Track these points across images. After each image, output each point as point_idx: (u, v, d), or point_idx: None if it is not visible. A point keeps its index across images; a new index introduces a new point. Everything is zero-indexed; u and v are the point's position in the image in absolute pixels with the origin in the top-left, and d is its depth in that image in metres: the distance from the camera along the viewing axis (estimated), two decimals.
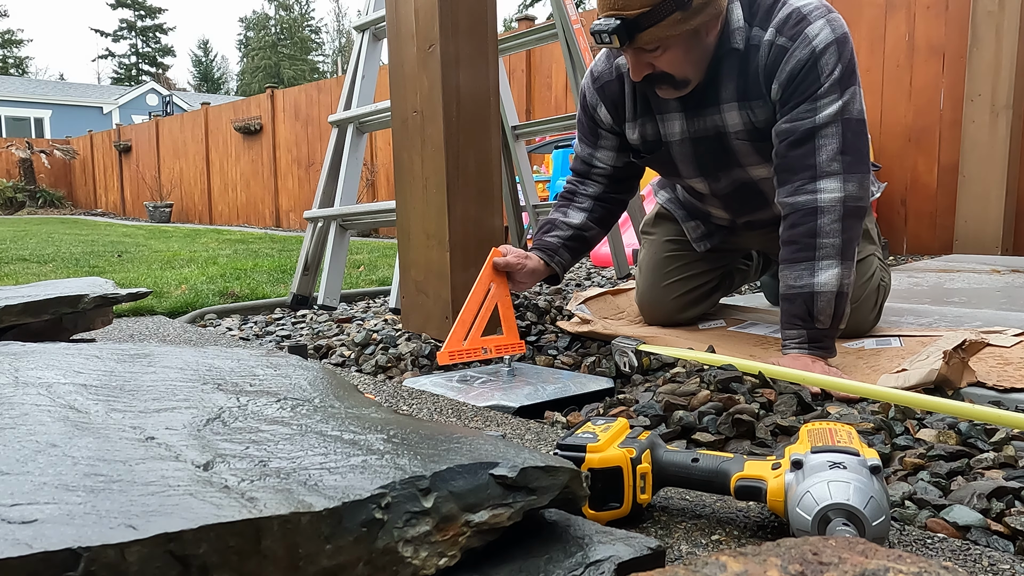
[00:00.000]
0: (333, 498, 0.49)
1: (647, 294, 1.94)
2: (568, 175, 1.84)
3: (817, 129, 1.44)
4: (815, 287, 1.43)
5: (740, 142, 1.59)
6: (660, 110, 1.63)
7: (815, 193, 1.44)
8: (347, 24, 53.21)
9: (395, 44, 1.93)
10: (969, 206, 4.27)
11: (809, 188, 1.45)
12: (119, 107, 30.21)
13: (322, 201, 2.70)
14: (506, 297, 1.62)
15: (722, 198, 1.74)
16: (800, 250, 1.45)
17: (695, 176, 1.70)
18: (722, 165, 1.65)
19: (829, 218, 1.43)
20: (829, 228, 1.43)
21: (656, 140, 1.67)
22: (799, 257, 1.45)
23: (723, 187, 1.70)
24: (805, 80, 1.44)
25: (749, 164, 1.63)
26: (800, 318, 1.45)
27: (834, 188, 1.44)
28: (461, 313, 1.54)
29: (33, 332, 1.46)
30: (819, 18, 1.44)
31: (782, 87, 1.47)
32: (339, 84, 9.45)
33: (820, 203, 1.44)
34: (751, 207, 1.75)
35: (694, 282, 1.91)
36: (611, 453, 0.77)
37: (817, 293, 1.43)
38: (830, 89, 1.44)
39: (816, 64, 1.43)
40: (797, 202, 1.46)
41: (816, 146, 1.45)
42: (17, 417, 0.62)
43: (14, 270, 3.91)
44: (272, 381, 0.84)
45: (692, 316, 1.93)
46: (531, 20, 7.06)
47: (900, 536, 0.76)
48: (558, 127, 3.02)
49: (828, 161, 1.44)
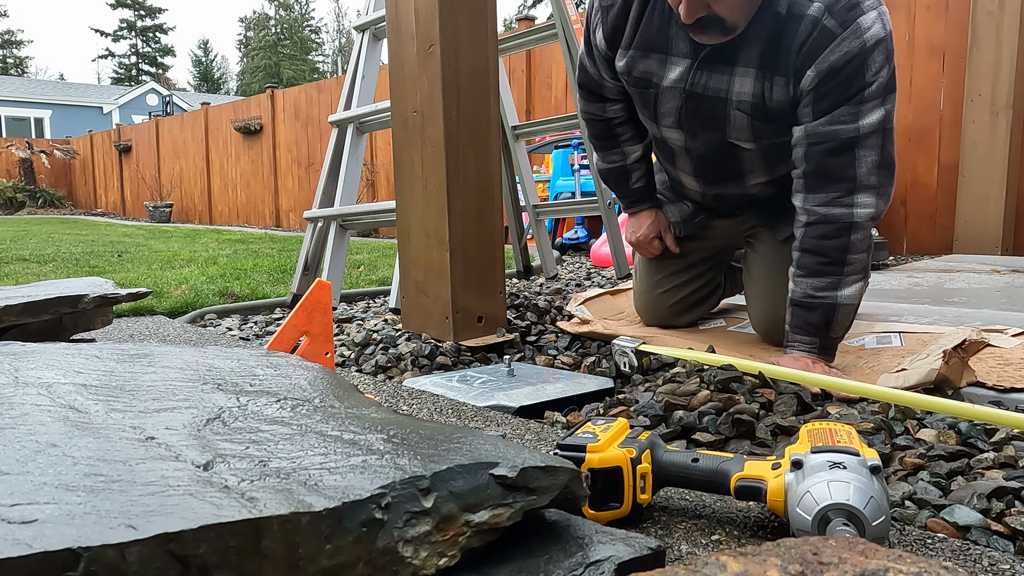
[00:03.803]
0: (333, 498, 0.49)
1: (642, 299, 1.94)
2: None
3: (860, 139, 1.37)
4: (839, 299, 1.41)
5: (739, 113, 1.49)
6: (666, 51, 1.51)
7: (851, 207, 1.39)
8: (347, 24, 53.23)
9: (395, 44, 1.93)
10: (969, 206, 4.27)
11: (846, 201, 1.39)
12: (119, 107, 30.20)
13: (322, 201, 2.70)
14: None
15: (695, 159, 1.65)
16: (829, 264, 1.41)
17: (672, 127, 1.60)
18: (707, 126, 1.56)
19: (861, 234, 1.40)
20: (859, 244, 1.41)
21: (645, 79, 1.57)
22: (826, 270, 1.42)
23: (698, 146, 1.61)
24: (851, 77, 1.35)
25: (737, 137, 1.54)
26: (816, 327, 1.43)
27: (869, 204, 1.39)
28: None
29: (33, 332, 1.46)
30: (872, 9, 1.34)
31: (821, 77, 1.37)
32: (339, 84, 9.44)
33: (856, 218, 1.39)
34: (723, 177, 1.67)
35: (688, 288, 1.90)
36: (611, 453, 0.77)
37: (840, 305, 1.41)
38: (875, 93, 1.35)
39: (864, 62, 1.34)
40: (831, 214, 1.40)
41: (856, 156, 1.38)
42: (17, 417, 0.62)
43: (14, 270, 3.91)
44: (272, 381, 0.84)
45: (690, 320, 1.93)
46: (531, 20, 7.06)
47: (900, 536, 0.76)
48: (558, 127, 3.02)
49: (867, 174, 1.38)
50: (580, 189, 4.99)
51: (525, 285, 2.85)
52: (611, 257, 3.05)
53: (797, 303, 1.46)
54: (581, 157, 5.06)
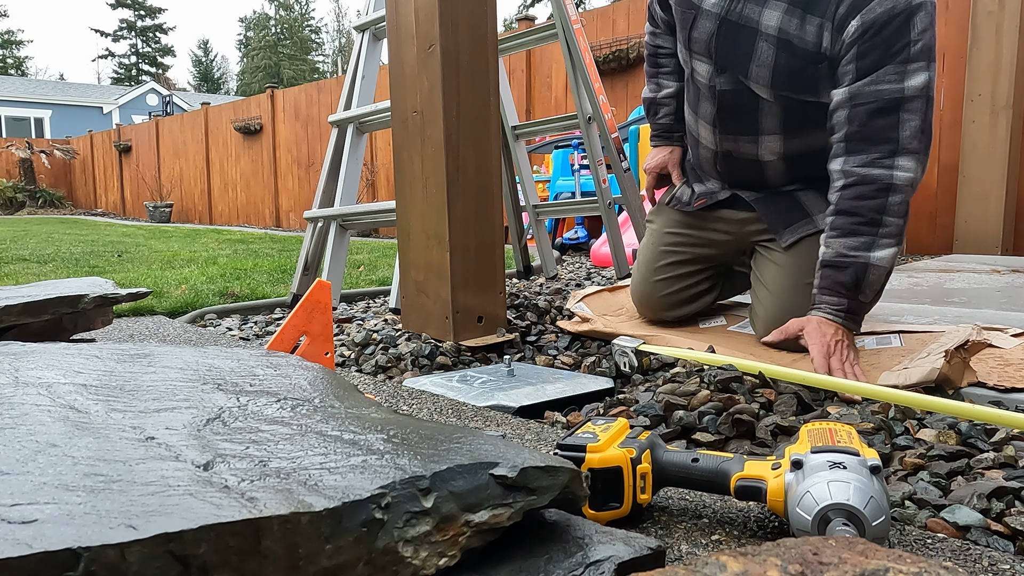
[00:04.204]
0: (333, 498, 0.49)
1: (639, 287, 1.92)
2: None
3: (904, 101, 1.38)
4: (871, 260, 1.42)
5: (765, 45, 1.52)
6: None
7: (892, 169, 1.40)
8: (347, 24, 53.23)
9: (395, 44, 1.93)
10: (969, 206, 4.27)
11: (887, 163, 1.40)
12: (119, 107, 30.20)
13: (322, 201, 2.70)
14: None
15: (717, 103, 1.69)
16: (864, 224, 1.42)
17: (702, 55, 1.67)
18: (733, 59, 1.60)
19: (899, 198, 1.41)
20: (897, 208, 1.41)
21: (691, 1, 1.66)
22: (861, 230, 1.42)
23: (723, 83, 1.66)
24: (895, 35, 1.35)
25: (758, 76, 1.56)
26: (845, 287, 1.43)
27: (910, 168, 1.40)
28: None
29: (33, 332, 1.46)
30: None
31: (865, 29, 1.37)
32: (339, 84, 9.45)
33: (895, 181, 1.40)
34: (740, 129, 1.70)
35: (686, 280, 1.88)
36: (611, 453, 0.77)
37: (872, 266, 1.42)
38: (920, 55, 1.36)
39: (909, 20, 1.34)
40: (871, 174, 1.41)
41: (900, 119, 1.39)
42: (17, 417, 0.62)
43: (14, 270, 3.91)
44: (272, 381, 0.84)
45: (682, 315, 1.90)
46: (531, 20, 7.06)
47: (900, 536, 0.76)
48: (558, 127, 3.02)
49: (910, 139, 1.39)
50: (580, 189, 4.99)
51: (525, 285, 2.85)
52: (611, 257, 3.05)
53: (828, 263, 1.47)
54: (581, 157, 5.06)
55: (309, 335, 1.35)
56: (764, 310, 1.71)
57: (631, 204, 2.86)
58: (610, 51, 5.93)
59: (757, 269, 1.79)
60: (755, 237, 1.81)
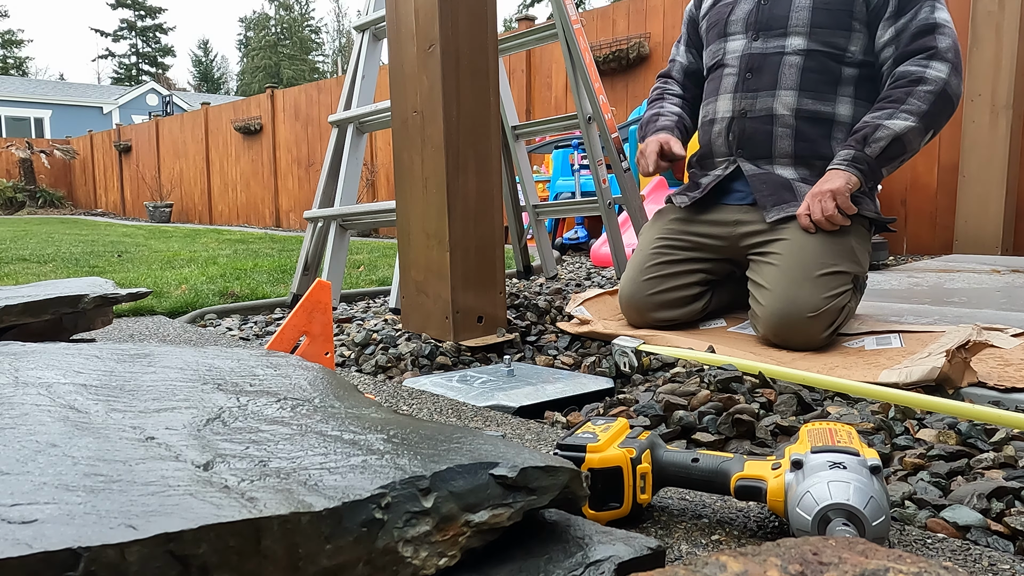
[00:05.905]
0: (333, 498, 0.49)
1: (626, 287, 1.92)
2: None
3: (938, 25, 1.67)
4: (882, 122, 1.65)
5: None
6: None
7: (925, 68, 1.65)
8: (347, 24, 53.23)
9: (395, 44, 1.93)
10: (969, 206, 4.27)
11: (923, 62, 1.66)
12: (119, 107, 30.19)
13: (322, 201, 2.70)
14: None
15: (743, 65, 1.87)
16: (890, 101, 1.67)
17: (738, 33, 1.89)
18: (772, 22, 1.82)
19: (927, 88, 1.64)
20: (923, 95, 1.64)
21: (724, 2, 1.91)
22: (884, 106, 1.67)
23: (756, 47, 1.85)
24: None
25: (796, 23, 1.78)
26: (856, 140, 1.66)
27: (942, 70, 1.65)
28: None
29: (33, 332, 1.46)
30: None
31: None
32: (339, 84, 9.44)
33: (926, 75, 1.65)
34: (760, 84, 1.85)
35: (674, 280, 1.88)
36: (611, 453, 0.77)
37: (881, 125, 1.64)
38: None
39: None
40: (907, 70, 1.67)
41: (936, 37, 1.67)
42: (17, 417, 0.62)
43: (14, 270, 3.91)
44: (272, 381, 0.84)
45: (668, 318, 1.88)
46: (531, 20, 7.05)
47: (900, 536, 0.76)
48: (558, 127, 3.02)
49: (946, 50, 1.66)
50: (580, 189, 4.99)
51: (525, 285, 2.85)
52: (611, 257, 3.05)
53: (851, 133, 1.70)
54: (581, 157, 5.06)
55: (309, 335, 1.35)
56: (764, 307, 1.70)
57: (631, 204, 2.86)
58: (610, 51, 5.93)
59: (753, 275, 1.79)
60: (747, 241, 1.81)
